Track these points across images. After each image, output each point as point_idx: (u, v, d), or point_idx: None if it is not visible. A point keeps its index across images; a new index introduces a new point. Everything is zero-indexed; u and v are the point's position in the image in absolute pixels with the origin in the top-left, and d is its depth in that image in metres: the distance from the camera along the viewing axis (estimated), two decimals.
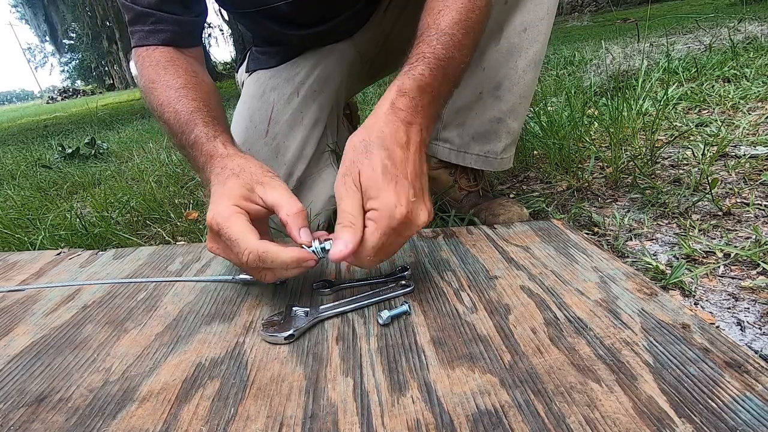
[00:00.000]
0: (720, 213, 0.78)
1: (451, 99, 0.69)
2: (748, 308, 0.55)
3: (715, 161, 0.99)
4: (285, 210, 0.47)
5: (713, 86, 1.60)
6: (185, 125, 0.57)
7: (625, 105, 1.27)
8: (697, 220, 0.77)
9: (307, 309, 0.48)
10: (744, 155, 1.00)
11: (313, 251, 0.47)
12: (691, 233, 0.72)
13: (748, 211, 0.77)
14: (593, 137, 1.27)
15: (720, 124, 1.21)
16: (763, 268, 0.61)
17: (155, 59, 0.63)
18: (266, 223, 0.52)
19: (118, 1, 0.66)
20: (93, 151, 2.32)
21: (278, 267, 0.45)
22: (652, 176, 0.96)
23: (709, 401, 0.33)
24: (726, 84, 1.62)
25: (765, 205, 0.78)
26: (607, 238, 0.75)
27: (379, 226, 0.44)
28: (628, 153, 1.09)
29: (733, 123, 1.22)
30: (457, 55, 0.52)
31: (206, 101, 0.59)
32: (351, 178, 0.46)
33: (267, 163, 0.79)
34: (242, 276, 0.57)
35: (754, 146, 1.04)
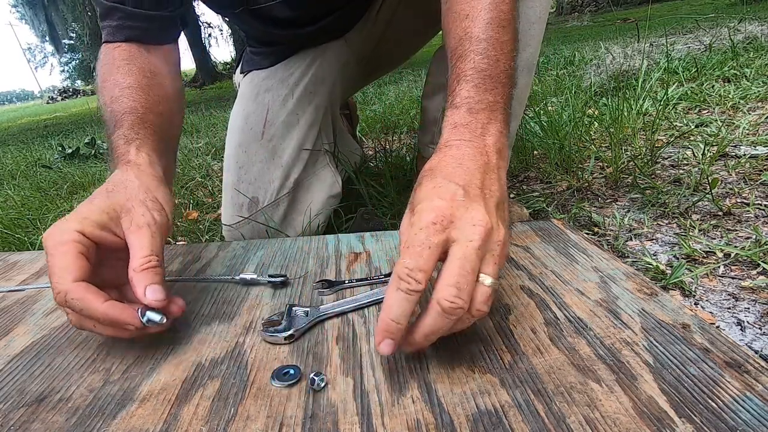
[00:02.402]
0: (720, 213, 0.78)
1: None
2: (748, 308, 0.55)
3: (715, 161, 0.99)
4: (133, 263, 0.40)
5: (713, 86, 1.60)
6: (114, 127, 0.52)
7: (625, 105, 1.27)
8: (697, 220, 0.77)
9: (307, 309, 0.48)
10: (744, 155, 1.00)
11: (142, 318, 0.39)
12: (691, 233, 0.72)
13: (748, 211, 0.77)
14: (593, 137, 1.27)
15: (720, 124, 1.21)
16: (763, 268, 0.61)
17: (112, 57, 0.59)
18: (125, 254, 0.42)
19: None
20: (93, 151, 2.32)
21: (89, 318, 0.39)
22: (652, 176, 0.96)
23: (709, 401, 0.33)
24: (726, 84, 1.62)
25: (765, 205, 0.78)
26: (607, 238, 0.75)
27: (412, 224, 0.37)
28: (628, 153, 1.09)
29: (733, 123, 1.22)
30: (501, 56, 0.46)
31: (148, 104, 0.55)
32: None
33: (264, 165, 0.79)
34: (243, 276, 0.57)
35: (754, 146, 1.04)
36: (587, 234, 0.77)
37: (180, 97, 0.62)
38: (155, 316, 0.40)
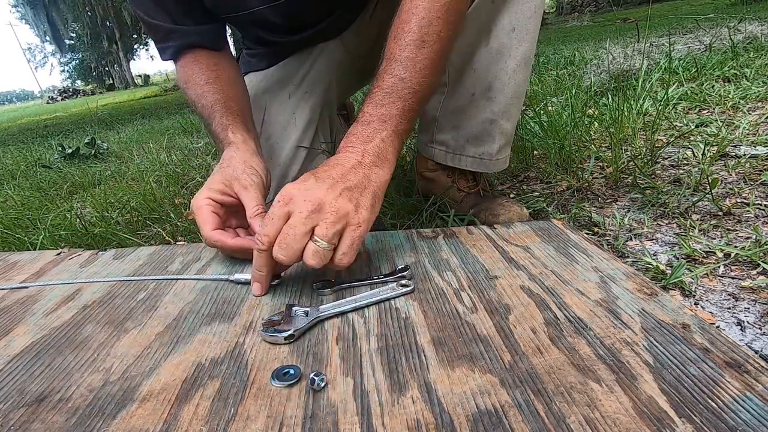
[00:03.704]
0: (720, 213, 0.78)
1: (444, 100, 0.74)
2: (748, 308, 0.55)
3: (715, 161, 0.99)
4: (248, 212, 0.58)
5: (713, 86, 1.60)
6: (209, 117, 0.69)
7: (625, 105, 1.27)
8: (697, 220, 0.77)
9: (307, 309, 0.48)
10: (744, 155, 1.00)
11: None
12: (691, 233, 0.72)
13: (748, 211, 0.77)
14: (593, 137, 1.27)
15: (720, 124, 1.21)
16: (763, 268, 0.61)
17: (185, 62, 0.74)
18: (243, 209, 0.60)
19: (144, 24, 0.74)
20: (93, 151, 2.32)
21: (228, 252, 0.58)
22: (652, 176, 0.96)
23: (709, 401, 0.33)
24: (726, 84, 1.62)
25: (765, 205, 0.78)
26: (607, 238, 0.75)
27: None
28: (628, 153, 1.09)
29: (733, 123, 1.22)
30: (410, 75, 0.55)
31: (225, 92, 0.70)
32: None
33: None
34: (238, 276, 0.57)
35: (754, 146, 1.04)
36: (587, 234, 0.77)
37: (242, 79, 0.77)
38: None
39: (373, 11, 0.87)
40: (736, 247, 0.67)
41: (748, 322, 0.53)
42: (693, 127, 1.25)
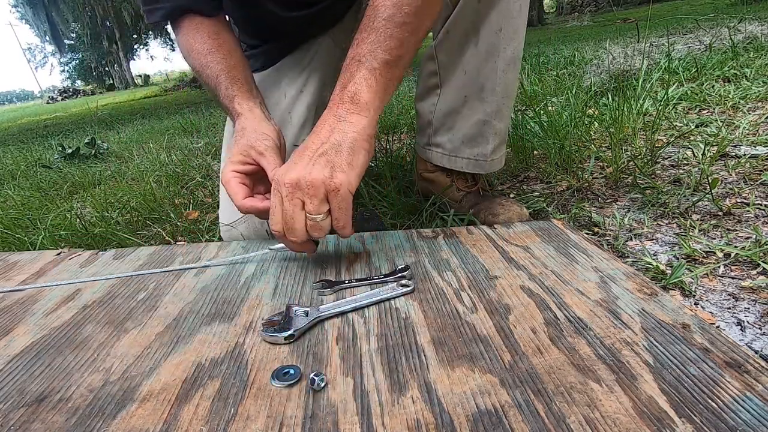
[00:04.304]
0: (720, 213, 0.78)
1: (439, 102, 0.75)
2: (748, 308, 0.55)
3: (715, 161, 0.99)
4: (269, 175, 0.59)
5: (713, 86, 1.60)
6: (215, 88, 0.71)
7: (625, 105, 1.27)
8: (697, 220, 0.77)
9: (307, 309, 0.48)
10: (744, 155, 1.00)
11: None
12: (691, 233, 0.72)
13: (748, 211, 0.77)
14: (593, 137, 1.27)
15: (720, 124, 1.21)
16: (764, 268, 0.61)
17: (186, 29, 0.75)
18: (266, 175, 0.62)
19: None
20: (93, 151, 2.32)
21: (261, 215, 0.59)
22: (652, 176, 0.96)
23: (709, 401, 0.33)
24: (726, 84, 1.62)
25: (765, 205, 0.78)
26: (607, 238, 0.75)
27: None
28: (628, 153, 1.09)
29: (733, 123, 1.22)
30: (391, 14, 0.54)
31: (227, 61, 0.71)
32: None
33: None
34: (278, 246, 0.62)
35: (754, 146, 1.04)
36: (587, 234, 0.77)
37: (238, 45, 0.77)
38: None
39: (361, 11, 0.88)
40: (736, 247, 0.67)
41: (748, 322, 0.53)
42: (693, 127, 1.25)
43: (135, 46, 30.32)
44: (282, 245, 0.60)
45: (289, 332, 0.44)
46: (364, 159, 0.53)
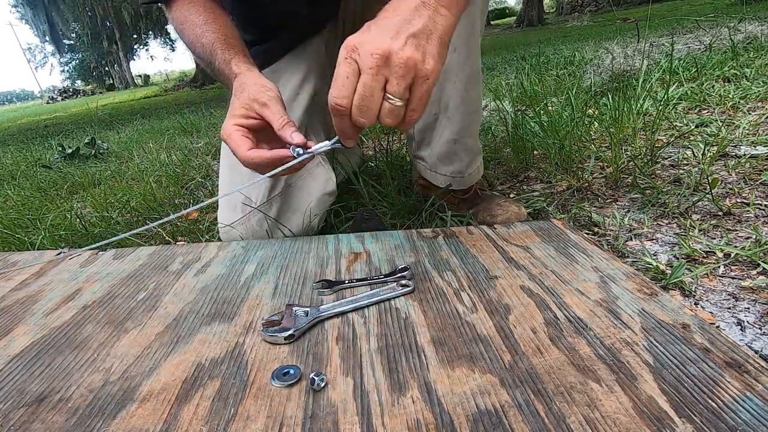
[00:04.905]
0: (720, 213, 0.78)
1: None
2: (748, 308, 0.55)
3: (715, 161, 0.99)
4: (275, 126, 0.57)
5: (713, 86, 1.60)
6: (210, 56, 0.69)
7: (625, 105, 1.27)
8: (697, 220, 0.77)
9: (307, 309, 0.48)
10: (744, 155, 1.00)
11: (293, 153, 0.55)
12: (691, 233, 0.72)
13: (748, 211, 0.77)
14: (593, 137, 1.27)
15: (720, 124, 1.21)
16: (763, 268, 0.61)
17: (180, 5, 0.74)
18: (269, 127, 0.59)
19: None
20: (93, 151, 2.32)
21: (266, 165, 0.55)
22: (652, 176, 0.96)
23: (709, 401, 0.33)
24: (726, 84, 1.62)
25: (765, 205, 0.78)
26: (607, 238, 0.75)
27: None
28: (628, 153, 1.09)
29: (733, 123, 1.22)
30: None
31: (223, 31, 0.70)
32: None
33: None
34: (316, 146, 0.55)
35: (754, 146, 1.04)
36: (587, 234, 0.77)
37: (230, 18, 0.77)
38: (300, 150, 0.55)
39: (343, 12, 0.89)
40: (736, 247, 0.67)
41: (748, 322, 0.53)
42: (693, 127, 1.25)
43: (135, 46, 30.30)
44: (321, 146, 0.55)
45: (289, 332, 0.44)
46: (445, 59, 0.48)
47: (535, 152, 1.19)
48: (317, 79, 0.89)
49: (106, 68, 30.67)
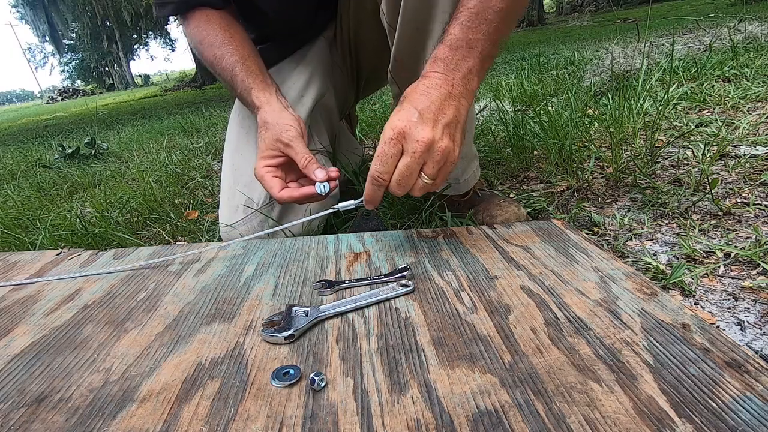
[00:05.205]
0: (720, 213, 0.78)
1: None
2: (749, 308, 0.55)
3: (715, 161, 0.99)
4: (300, 165, 0.65)
5: (713, 86, 1.60)
6: (231, 81, 0.73)
7: (625, 105, 1.27)
8: (697, 220, 0.77)
9: (307, 309, 0.48)
10: (744, 155, 1.00)
11: (318, 190, 0.64)
12: (691, 233, 0.72)
13: (748, 211, 0.77)
14: (593, 137, 1.27)
15: (720, 124, 1.21)
16: (764, 268, 0.61)
17: (197, 21, 0.76)
18: (294, 164, 0.67)
19: None
20: (93, 151, 2.32)
21: (298, 202, 0.66)
22: (653, 176, 0.96)
23: (709, 401, 0.33)
24: (726, 84, 1.62)
25: (765, 205, 0.78)
26: (607, 238, 0.75)
27: (381, 139, 0.53)
28: (628, 153, 1.09)
29: (733, 123, 1.22)
30: (488, 45, 0.54)
31: (240, 52, 0.73)
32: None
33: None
34: (341, 204, 0.62)
35: (755, 146, 1.04)
36: (587, 234, 0.77)
37: (248, 36, 0.79)
38: (324, 186, 0.64)
39: (342, 19, 0.89)
40: (736, 247, 0.67)
41: (748, 322, 0.53)
42: (693, 127, 1.25)
43: (135, 46, 30.30)
44: (347, 204, 0.62)
45: (289, 332, 0.44)
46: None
47: (535, 152, 1.19)
48: (321, 80, 0.89)
49: (106, 68, 30.67)
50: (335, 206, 0.63)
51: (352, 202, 0.61)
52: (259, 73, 0.72)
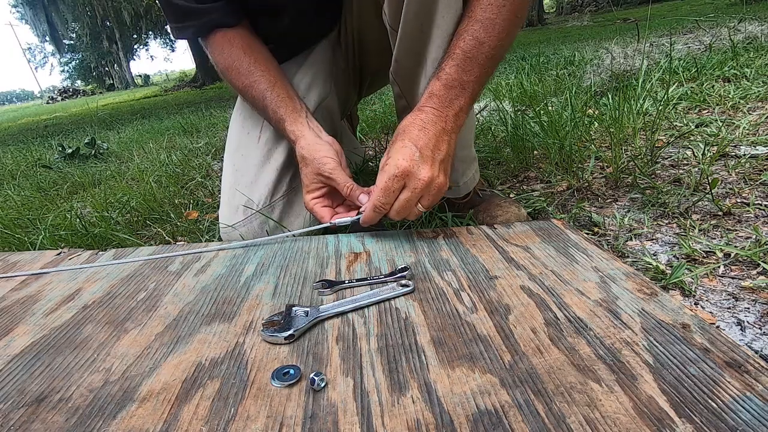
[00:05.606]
0: (720, 213, 0.78)
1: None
2: (748, 308, 0.55)
3: (715, 161, 0.99)
4: (343, 194, 0.69)
5: (713, 86, 1.60)
6: (263, 110, 0.76)
7: (625, 105, 1.27)
8: (697, 220, 0.77)
9: (307, 309, 0.48)
10: (744, 155, 1.00)
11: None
12: (691, 233, 0.72)
13: (748, 211, 0.77)
14: (593, 137, 1.27)
15: (720, 124, 1.21)
16: (763, 268, 0.61)
17: (219, 44, 0.77)
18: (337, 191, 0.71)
19: (163, 4, 0.76)
20: (93, 151, 2.32)
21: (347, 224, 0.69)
22: (653, 176, 0.96)
23: (709, 401, 0.33)
24: (726, 84, 1.62)
25: (765, 205, 0.78)
26: (607, 238, 0.75)
27: (383, 175, 0.58)
28: (628, 153, 1.09)
29: (733, 123, 1.22)
30: (488, 38, 0.57)
31: (268, 78, 0.75)
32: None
33: (258, 168, 0.83)
34: (338, 220, 0.67)
35: (754, 146, 1.04)
36: (587, 234, 0.76)
37: (269, 53, 0.81)
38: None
39: (345, 21, 0.89)
40: (736, 247, 0.67)
41: (748, 322, 0.53)
42: (693, 127, 1.25)
43: (135, 46, 30.30)
44: (344, 220, 0.67)
45: (289, 332, 0.44)
46: None
47: (535, 152, 1.19)
48: (324, 82, 0.89)
49: (106, 68, 30.66)
50: (332, 221, 0.68)
51: (348, 219, 0.67)
52: (288, 100, 0.75)
